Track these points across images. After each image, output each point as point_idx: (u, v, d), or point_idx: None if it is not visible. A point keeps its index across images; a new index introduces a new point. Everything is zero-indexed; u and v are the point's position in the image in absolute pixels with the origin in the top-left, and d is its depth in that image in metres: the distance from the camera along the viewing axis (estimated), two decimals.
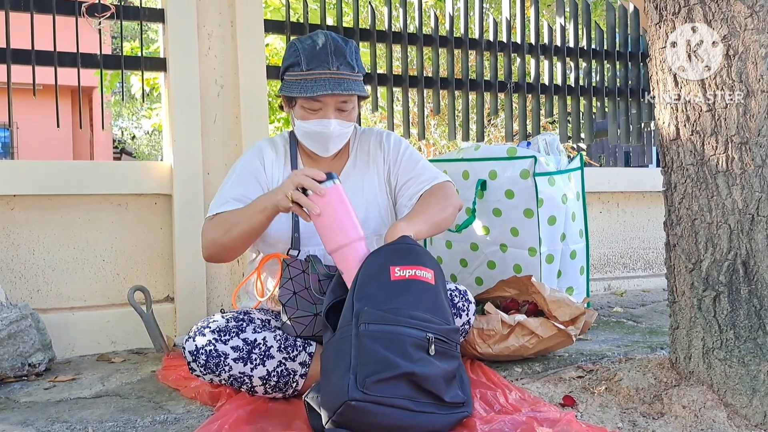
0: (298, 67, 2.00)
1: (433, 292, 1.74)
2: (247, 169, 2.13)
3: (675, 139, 1.89)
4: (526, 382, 2.11)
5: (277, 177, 2.15)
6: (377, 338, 1.60)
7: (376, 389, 1.55)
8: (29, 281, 2.74)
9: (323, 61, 1.98)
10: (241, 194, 2.05)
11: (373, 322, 1.62)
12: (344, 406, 1.53)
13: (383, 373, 1.56)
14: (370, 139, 2.22)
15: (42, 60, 2.82)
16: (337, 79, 1.97)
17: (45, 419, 1.91)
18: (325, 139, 2.06)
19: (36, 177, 2.71)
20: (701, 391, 1.80)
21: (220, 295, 2.99)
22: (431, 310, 1.71)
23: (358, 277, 1.70)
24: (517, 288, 2.53)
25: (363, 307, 1.64)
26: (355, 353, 1.59)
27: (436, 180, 2.12)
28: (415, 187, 2.13)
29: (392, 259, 1.72)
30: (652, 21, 1.95)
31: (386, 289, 1.68)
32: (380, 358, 1.58)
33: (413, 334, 1.64)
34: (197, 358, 1.87)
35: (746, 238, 1.74)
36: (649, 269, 4.25)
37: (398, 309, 1.65)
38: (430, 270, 1.75)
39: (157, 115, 6.91)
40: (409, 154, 2.20)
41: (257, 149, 2.18)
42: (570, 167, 2.89)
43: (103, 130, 13.85)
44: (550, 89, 4.08)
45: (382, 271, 1.70)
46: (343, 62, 1.99)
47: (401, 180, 2.17)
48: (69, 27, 2.86)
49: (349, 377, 1.55)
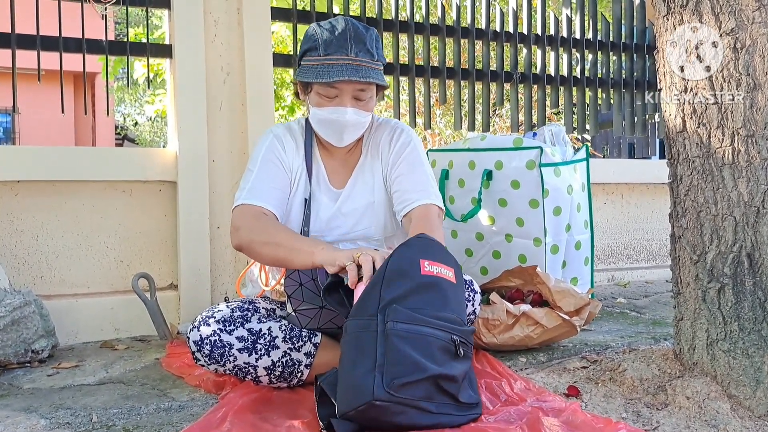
0: (316, 52, 1.93)
1: (455, 291, 1.72)
2: (272, 154, 2.05)
3: (681, 131, 1.89)
4: (530, 372, 2.11)
5: (296, 166, 2.09)
6: (407, 338, 1.57)
7: (402, 391, 1.53)
8: (33, 267, 2.75)
9: (342, 46, 1.90)
10: (270, 182, 2.01)
11: (403, 321, 1.58)
12: (367, 404, 1.51)
13: (412, 375, 1.54)
14: (384, 132, 2.13)
15: (47, 45, 2.82)
16: (355, 65, 1.90)
17: (48, 406, 1.92)
18: (339, 128, 1.99)
19: (41, 163, 2.71)
20: (705, 383, 1.81)
21: (224, 282, 2.99)
22: (456, 311, 1.69)
23: (387, 268, 1.63)
24: (522, 278, 2.53)
25: (392, 302, 1.59)
26: (381, 350, 1.55)
27: (419, 201, 2.03)
28: (398, 204, 2.06)
29: (421, 252, 1.68)
30: (660, 13, 1.94)
31: (414, 284, 1.63)
32: (410, 360, 1.55)
33: (440, 336, 1.61)
34: (202, 348, 1.86)
35: (751, 231, 1.74)
36: (653, 260, 4.25)
37: (425, 309, 1.62)
38: (451, 269, 1.72)
39: (161, 101, 6.89)
40: (411, 160, 2.08)
41: (277, 135, 2.10)
42: (576, 158, 2.89)
43: (107, 116, 13.82)
44: (556, 80, 4.07)
45: (412, 264, 1.65)
46: (362, 49, 1.92)
47: (395, 187, 2.08)
48: (72, 12, 2.85)
49: (374, 375, 1.52)
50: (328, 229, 2.07)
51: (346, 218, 2.09)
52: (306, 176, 2.08)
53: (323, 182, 2.10)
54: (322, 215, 2.07)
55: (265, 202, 1.97)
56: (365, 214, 2.10)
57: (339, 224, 2.08)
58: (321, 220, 2.06)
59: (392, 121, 2.18)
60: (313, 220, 2.06)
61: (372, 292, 1.62)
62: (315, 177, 2.10)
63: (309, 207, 2.06)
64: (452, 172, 3.00)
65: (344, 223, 2.09)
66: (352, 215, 2.09)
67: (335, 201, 2.09)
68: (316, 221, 2.06)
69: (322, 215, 2.07)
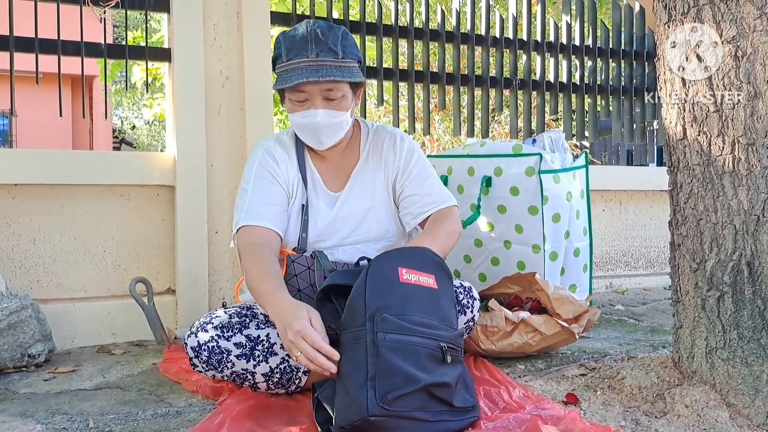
0: (281, 59, 1.94)
1: (436, 297, 1.72)
2: (265, 171, 2.05)
3: (682, 138, 1.89)
4: (529, 380, 2.11)
5: (292, 177, 2.08)
6: (396, 349, 1.57)
7: (396, 404, 1.53)
8: (30, 271, 2.74)
9: (302, 49, 1.90)
10: (266, 198, 2.01)
11: (392, 332, 1.58)
12: (362, 420, 1.51)
13: (405, 388, 1.54)
14: (384, 139, 2.14)
15: (45, 48, 2.82)
16: (315, 66, 1.89)
17: (45, 411, 1.91)
18: (313, 131, 1.99)
19: (38, 166, 2.70)
20: (704, 391, 1.80)
21: (222, 288, 2.99)
22: (438, 317, 1.69)
23: (368, 277, 1.64)
24: (521, 285, 2.53)
25: (380, 312, 1.59)
26: (372, 361, 1.55)
27: (445, 204, 2.08)
28: (422, 206, 2.08)
29: (400, 260, 1.70)
30: (660, 20, 1.94)
31: (396, 293, 1.64)
32: (401, 372, 1.55)
33: (427, 344, 1.62)
34: (200, 354, 1.86)
35: (751, 239, 1.73)
36: (651, 268, 4.25)
37: (410, 316, 1.62)
38: (431, 275, 1.72)
39: (159, 105, 6.88)
40: (420, 166, 2.12)
41: (267, 150, 2.09)
42: (575, 165, 2.89)
43: (105, 120, 13.82)
44: (555, 86, 4.08)
45: (392, 272, 1.66)
46: (324, 48, 1.91)
47: (407, 192, 2.10)
48: (70, 15, 2.85)
49: (367, 390, 1.52)
50: (327, 234, 2.06)
51: (344, 222, 2.08)
52: (302, 184, 2.08)
53: (320, 187, 2.10)
54: (320, 221, 2.06)
55: (264, 221, 1.97)
56: (365, 219, 2.09)
57: (337, 228, 2.07)
58: (319, 226, 2.05)
59: (389, 128, 2.20)
60: (311, 227, 2.05)
61: (357, 301, 1.62)
62: (311, 183, 2.09)
63: (306, 213, 2.05)
64: (451, 178, 3.00)
65: (343, 227, 2.08)
66: (351, 219, 2.09)
67: (333, 205, 2.08)
68: (315, 227, 2.05)
69: (321, 221, 2.06)
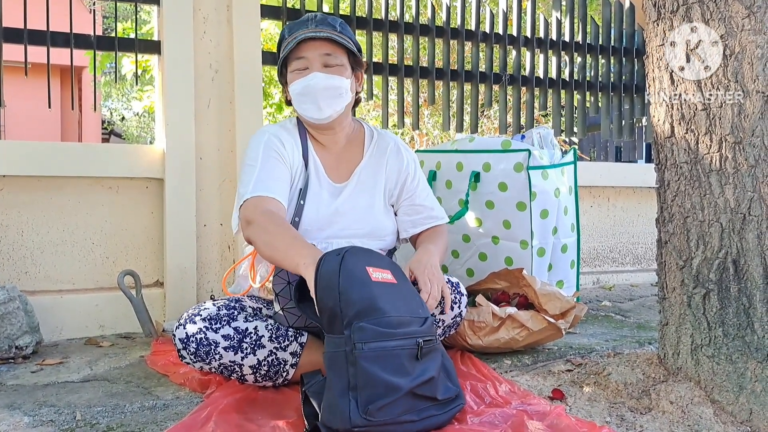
0: (285, 40, 2.07)
1: (399, 291, 1.72)
2: (273, 150, 2.06)
3: (669, 136, 1.90)
4: (515, 375, 2.12)
5: (296, 161, 2.10)
6: (375, 358, 1.56)
7: (380, 414, 1.53)
8: (17, 263, 2.73)
9: (303, 24, 2.06)
10: (274, 174, 2.02)
11: (369, 341, 1.56)
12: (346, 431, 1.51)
13: (387, 397, 1.54)
14: (389, 144, 2.23)
15: (35, 39, 2.79)
16: (314, 32, 2.01)
17: (32, 403, 1.90)
18: (313, 95, 2.02)
19: (27, 158, 2.69)
20: (689, 388, 1.82)
21: (210, 280, 2.98)
22: (407, 311, 1.69)
23: (340, 281, 1.61)
24: (508, 280, 2.54)
25: (357, 320, 1.57)
26: (352, 372, 1.54)
27: (444, 220, 2.27)
28: (425, 218, 2.24)
29: (366, 260, 1.71)
30: (650, 18, 1.94)
31: (370, 294, 1.63)
32: (382, 382, 1.55)
33: (405, 345, 1.62)
34: (188, 345, 1.86)
35: (737, 237, 1.75)
36: (638, 264, 4.27)
37: (386, 318, 1.61)
38: (387, 270, 1.74)
39: (148, 96, 6.86)
40: (422, 178, 2.28)
41: (274, 133, 2.11)
42: (563, 161, 2.90)
43: (94, 111, 13.74)
44: (545, 82, 4.08)
45: (363, 272, 1.66)
46: (324, 24, 2.04)
47: (416, 201, 2.23)
48: (60, 6, 2.83)
49: (349, 400, 1.52)
50: (326, 224, 2.08)
51: (343, 216, 2.10)
52: (305, 170, 2.10)
53: (323, 177, 2.12)
54: (322, 209, 2.08)
55: (273, 193, 1.99)
56: (363, 215, 2.12)
57: (337, 219, 2.10)
58: (321, 214, 2.07)
59: (390, 133, 2.30)
60: (312, 215, 2.06)
61: (332, 304, 1.60)
62: (314, 172, 2.12)
63: (303, 197, 2.07)
64: (440, 173, 3.00)
65: (342, 219, 2.10)
66: (350, 213, 2.11)
67: (336, 196, 2.12)
68: (316, 215, 2.07)
69: (323, 209, 2.08)
